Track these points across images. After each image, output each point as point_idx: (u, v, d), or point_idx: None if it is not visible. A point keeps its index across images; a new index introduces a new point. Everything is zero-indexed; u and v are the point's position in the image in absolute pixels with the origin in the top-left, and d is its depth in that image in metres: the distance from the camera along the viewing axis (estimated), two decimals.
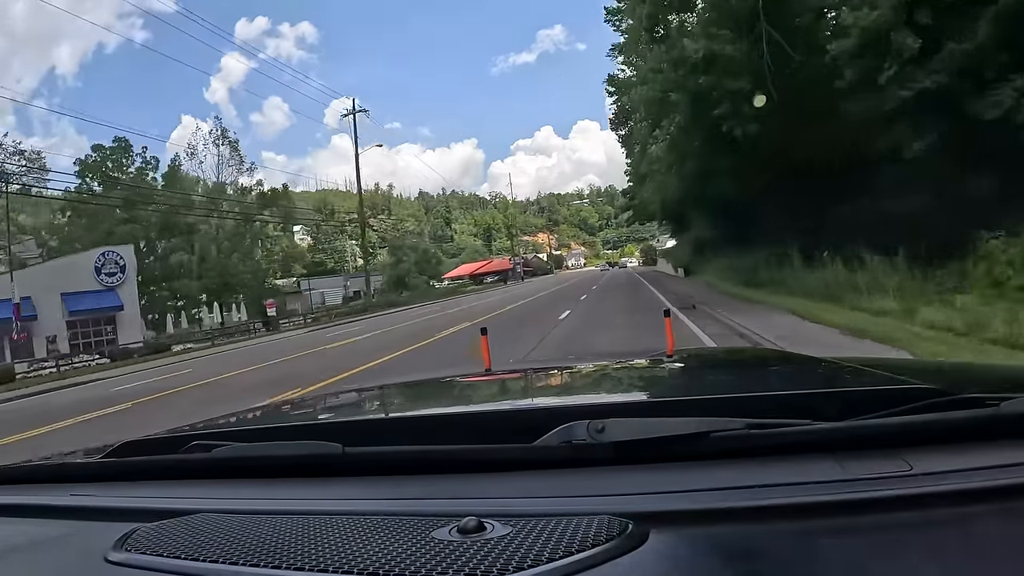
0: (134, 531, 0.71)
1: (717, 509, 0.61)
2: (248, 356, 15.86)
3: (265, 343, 22.24)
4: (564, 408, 1.06)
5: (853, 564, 0.52)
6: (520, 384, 1.66)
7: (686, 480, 0.67)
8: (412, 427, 1.07)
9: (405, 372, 8.20)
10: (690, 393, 1.16)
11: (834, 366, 1.36)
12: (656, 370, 1.65)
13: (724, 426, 0.71)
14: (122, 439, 1.09)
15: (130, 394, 10.45)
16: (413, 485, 0.77)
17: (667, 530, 0.58)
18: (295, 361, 12.72)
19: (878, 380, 1.06)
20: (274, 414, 1.61)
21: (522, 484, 0.73)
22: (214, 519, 0.72)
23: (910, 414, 0.70)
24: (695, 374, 1.62)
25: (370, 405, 1.62)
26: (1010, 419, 0.68)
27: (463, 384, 1.71)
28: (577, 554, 0.54)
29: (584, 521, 0.58)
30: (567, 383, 1.62)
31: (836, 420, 0.72)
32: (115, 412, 8.69)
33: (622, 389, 1.46)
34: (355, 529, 0.64)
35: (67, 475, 1.04)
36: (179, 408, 8.24)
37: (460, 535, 0.59)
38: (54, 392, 14.05)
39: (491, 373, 1.78)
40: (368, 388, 2.13)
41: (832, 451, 0.69)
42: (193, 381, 11.43)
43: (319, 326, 28.49)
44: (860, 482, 0.62)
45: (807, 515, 0.59)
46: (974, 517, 0.57)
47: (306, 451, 0.86)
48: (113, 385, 12.91)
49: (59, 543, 0.78)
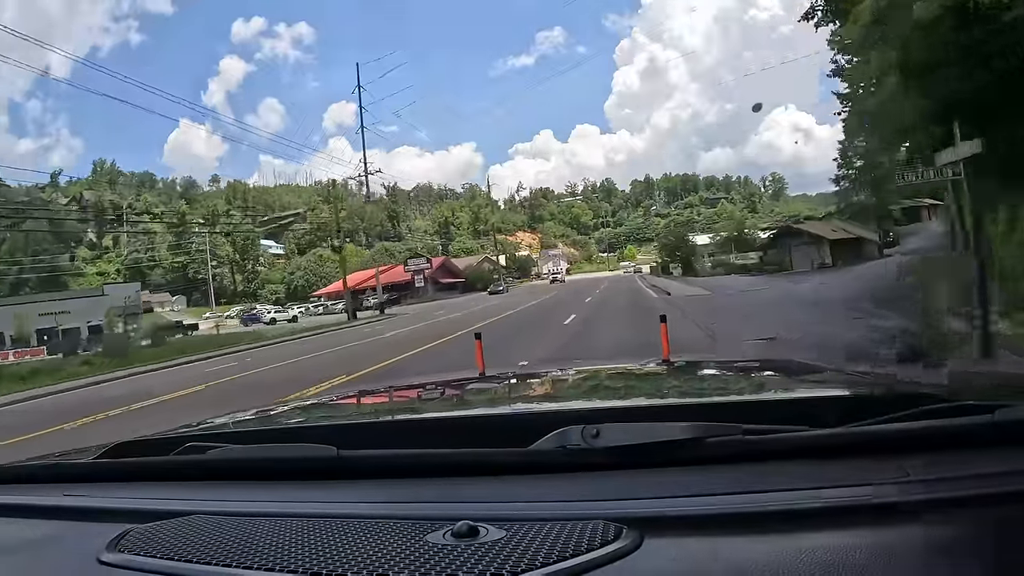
0: (127, 532, 0.72)
1: (712, 514, 0.61)
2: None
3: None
4: (559, 412, 1.03)
5: (849, 570, 0.52)
6: (515, 388, 1.67)
7: (681, 485, 0.67)
8: (407, 430, 1.05)
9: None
10: (686, 398, 1.19)
11: (830, 372, 1.34)
12: (652, 375, 1.64)
13: (720, 431, 0.71)
14: (117, 440, 1.09)
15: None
16: (408, 488, 0.77)
17: (662, 535, 0.58)
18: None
19: (874, 386, 1.07)
20: (269, 417, 1.55)
21: (517, 488, 0.73)
22: (208, 521, 0.73)
23: (906, 421, 0.70)
24: (691, 379, 1.60)
25: (365, 408, 1.62)
26: (1006, 426, 0.68)
27: (458, 388, 1.70)
28: (572, 559, 0.54)
29: (579, 526, 0.58)
30: (562, 387, 1.61)
31: (832, 426, 0.72)
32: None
33: (617, 394, 1.45)
34: (349, 532, 0.64)
35: (61, 475, 1.03)
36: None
37: (454, 539, 0.59)
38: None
39: (486, 377, 1.93)
40: (363, 391, 2.20)
41: (828, 457, 0.69)
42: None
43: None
44: (856, 488, 0.62)
45: (802, 521, 0.58)
46: (970, 524, 0.57)
47: (301, 454, 0.86)
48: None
49: (52, 543, 0.79)
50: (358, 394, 2.03)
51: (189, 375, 13.60)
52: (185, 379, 12.55)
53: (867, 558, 0.53)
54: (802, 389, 1.23)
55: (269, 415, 1.56)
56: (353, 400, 1.85)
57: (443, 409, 1.41)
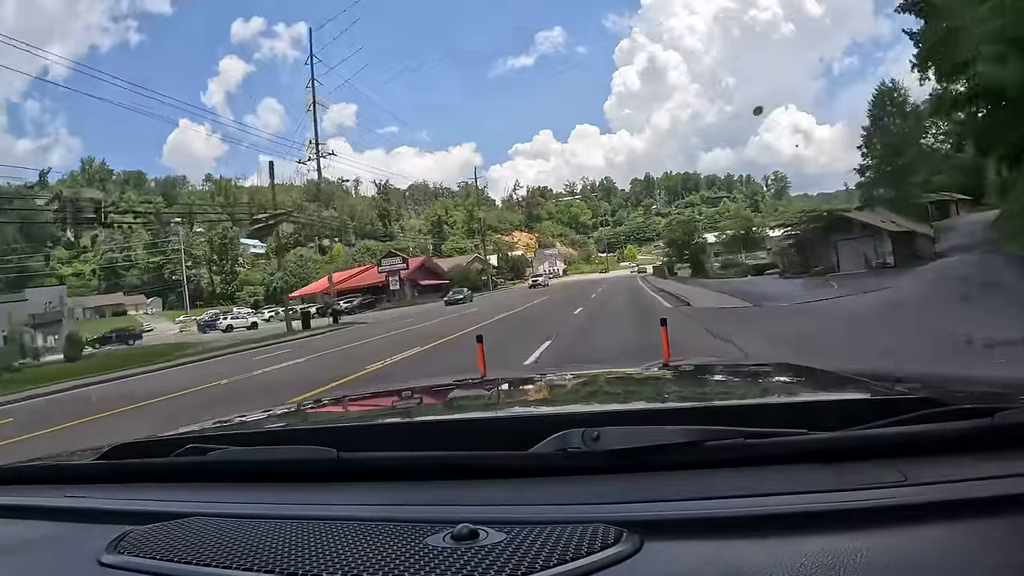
0: (127, 533, 0.72)
1: (712, 518, 0.61)
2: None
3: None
4: (559, 416, 1.03)
5: (850, 574, 0.52)
6: (515, 391, 1.67)
7: (681, 489, 0.67)
8: (407, 433, 1.04)
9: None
10: (686, 402, 1.17)
11: (830, 376, 1.33)
12: (652, 379, 1.62)
13: (719, 435, 0.71)
14: (117, 441, 1.07)
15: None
16: (407, 491, 0.77)
17: (662, 539, 0.58)
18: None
19: (873, 390, 1.05)
20: (269, 419, 1.51)
21: (517, 491, 0.73)
22: (208, 523, 0.73)
23: (905, 424, 0.70)
24: (691, 383, 1.58)
25: (365, 411, 1.60)
26: (1004, 430, 0.68)
27: (459, 390, 1.71)
28: (572, 562, 0.54)
29: (579, 529, 0.59)
30: (562, 391, 1.59)
31: (831, 430, 0.72)
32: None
33: (617, 397, 1.44)
34: (349, 534, 0.64)
35: (61, 476, 1.04)
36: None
37: (454, 542, 0.59)
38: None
39: (486, 380, 1.89)
40: (364, 394, 2.22)
41: (827, 461, 0.69)
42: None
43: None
44: (854, 492, 0.62)
45: (802, 524, 0.59)
46: (967, 527, 0.57)
47: (301, 455, 0.86)
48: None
49: (52, 544, 0.79)
50: (358, 396, 2.00)
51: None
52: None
53: (867, 562, 0.53)
54: (802, 393, 1.25)
55: (269, 416, 1.51)
56: (353, 402, 1.80)
57: (443, 412, 1.42)
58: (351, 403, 1.78)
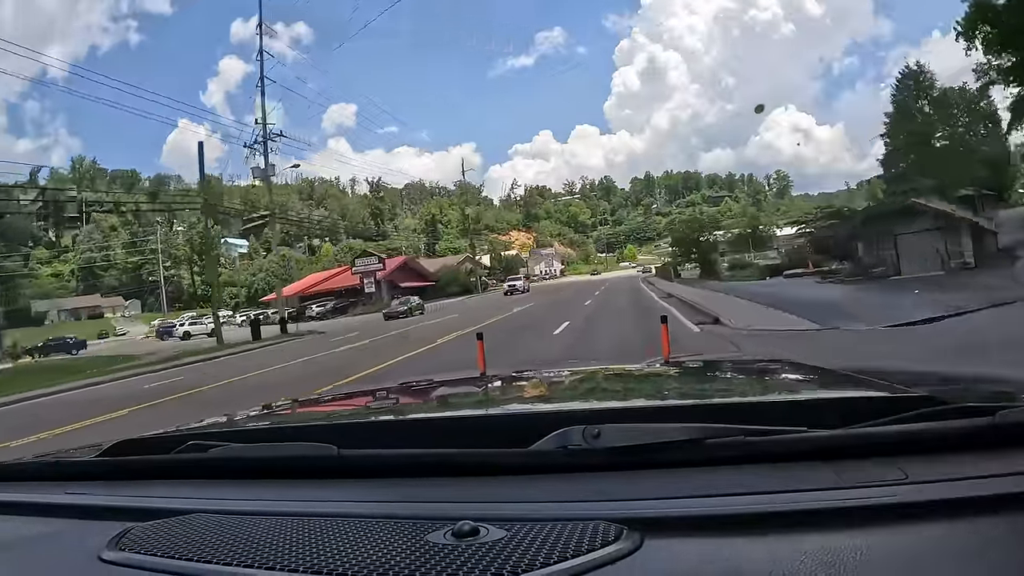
0: (128, 530, 0.72)
1: (712, 515, 0.62)
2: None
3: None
4: (560, 413, 1.01)
5: (850, 571, 0.52)
6: (516, 388, 1.66)
7: (681, 486, 0.67)
8: (407, 430, 1.04)
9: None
10: (686, 399, 1.16)
11: (831, 374, 1.31)
12: (653, 376, 1.62)
13: (720, 433, 0.71)
14: (118, 438, 1.06)
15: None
16: (408, 488, 0.77)
17: (662, 536, 0.59)
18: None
19: (874, 388, 1.04)
20: (270, 416, 1.52)
21: (517, 488, 0.74)
22: (208, 519, 0.73)
23: (906, 423, 0.70)
24: (691, 380, 1.57)
25: (366, 408, 1.58)
26: (1005, 428, 0.68)
27: (459, 388, 1.70)
28: (572, 559, 0.54)
29: (579, 526, 0.59)
30: (563, 388, 1.58)
31: (832, 428, 0.72)
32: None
33: (618, 394, 1.43)
34: (350, 531, 0.64)
35: (62, 473, 1.03)
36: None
37: (455, 538, 0.59)
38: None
39: (487, 377, 1.89)
40: (364, 391, 2.18)
41: (828, 459, 0.69)
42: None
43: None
44: (855, 490, 0.62)
45: (802, 522, 0.59)
46: (968, 525, 0.57)
47: (301, 452, 0.86)
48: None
49: (53, 541, 0.79)
50: (359, 393, 2.00)
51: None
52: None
53: (867, 560, 0.53)
54: (803, 390, 1.24)
55: (270, 414, 1.51)
56: (354, 399, 1.81)
57: (444, 409, 1.40)
58: (352, 400, 1.78)
